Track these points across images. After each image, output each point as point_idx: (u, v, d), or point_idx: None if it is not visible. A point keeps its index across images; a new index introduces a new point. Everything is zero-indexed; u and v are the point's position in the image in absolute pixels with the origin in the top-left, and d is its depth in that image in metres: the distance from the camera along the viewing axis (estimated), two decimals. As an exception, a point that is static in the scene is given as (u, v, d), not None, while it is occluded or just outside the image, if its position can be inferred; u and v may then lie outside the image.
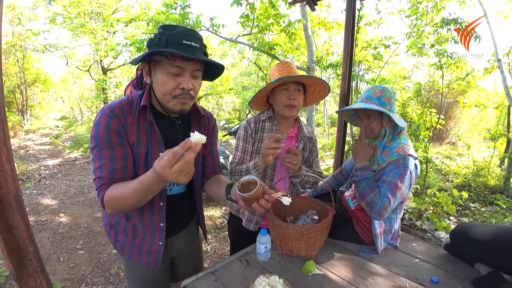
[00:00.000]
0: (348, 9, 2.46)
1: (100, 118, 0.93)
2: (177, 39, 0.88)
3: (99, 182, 0.93)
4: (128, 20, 6.08)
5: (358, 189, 1.40)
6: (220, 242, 3.08)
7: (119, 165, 0.94)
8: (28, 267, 0.80)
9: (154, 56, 0.91)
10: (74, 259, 2.74)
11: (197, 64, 0.94)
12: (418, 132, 3.97)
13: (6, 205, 0.74)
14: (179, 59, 0.89)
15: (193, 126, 1.16)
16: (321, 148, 7.82)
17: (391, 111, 1.40)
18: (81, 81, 15.85)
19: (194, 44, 0.91)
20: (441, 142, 9.52)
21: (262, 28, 4.76)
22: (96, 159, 0.94)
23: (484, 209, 3.83)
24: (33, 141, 8.64)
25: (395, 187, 1.31)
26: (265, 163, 1.32)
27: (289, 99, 1.42)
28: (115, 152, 0.93)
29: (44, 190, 4.58)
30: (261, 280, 1.10)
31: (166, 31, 0.90)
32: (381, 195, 1.33)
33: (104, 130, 0.92)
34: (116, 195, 0.89)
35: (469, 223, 1.40)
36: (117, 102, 0.98)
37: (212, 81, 1.22)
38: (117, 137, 0.93)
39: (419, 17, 4.90)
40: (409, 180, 1.35)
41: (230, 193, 1.02)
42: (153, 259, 1.13)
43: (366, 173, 1.40)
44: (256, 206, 0.88)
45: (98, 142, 0.92)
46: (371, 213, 1.35)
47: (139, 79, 1.12)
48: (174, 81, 0.92)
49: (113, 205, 0.91)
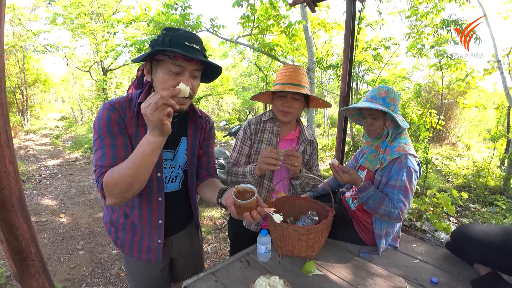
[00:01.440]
0: (348, 10, 2.47)
1: (102, 112, 0.97)
2: (179, 40, 0.93)
3: (100, 171, 0.92)
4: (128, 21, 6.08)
5: (368, 207, 1.40)
6: (220, 242, 3.08)
7: (121, 154, 0.95)
8: (31, 268, 0.80)
9: (157, 55, 0.95)
10: (74, 259, 2.74)
11: (196, 64, 0.98)
12: (418, 133, 3.98)
13: (9, 206, 0.74)
14: (181, 58, 0.93)
15: (190, 126, 1.18)
16: (321, 148, 7.82)
17: (394, 112, 1.42)
18: (81, 82, 15.87)
19: (195, 46, 0.96)
20: (441, 143, 9.52)
21: (262, 29, 4.77)
22: (98, 149, 0.95)
23: (484, 210, 3.83)
24: (34, 142, 8.65)
25: (406, 190, 1.34)
26: (262, 172, 1.37)
27: (283, 106, 1.43)
28: (116, 141, 0.95)
29: (45, 191, 4.59)
30: (261, 281, 1.11)
31: (169, 33, 0.95)
32: (393, 201, 1.35)
33: (106, 121, 0.95)
34: (114, 172, 0.88)
35: (471, 224, 1.41)
36: (117, 98, 1.02)
37: (211, 82, 1.24)
38: (118, 127, 0.97)
39: (419, 18, 4.90)
40: (416, 178, 1.39)
41: (222, 198, 1.03)
42: (153, 256, 1.15)
43: (367, 192, 1.40)
44: (248, 216, 0.89)
45: (100, 132, 0.95)
46: (389, 220, 1.37)
47: (140, 79, 1.16)
48: (174, 80, 0.95)
49: (112, 186, 0.87)
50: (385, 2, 6.52)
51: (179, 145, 1.15)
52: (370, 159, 1.53)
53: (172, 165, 1.14)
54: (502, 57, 4.70)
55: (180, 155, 1.15)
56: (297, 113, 1.47)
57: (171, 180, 1.15)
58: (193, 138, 1.18)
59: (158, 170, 1.07)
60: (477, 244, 1.26)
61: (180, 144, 1.15)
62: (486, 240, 1.24)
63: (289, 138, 1.55)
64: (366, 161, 1.55)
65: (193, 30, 4.80)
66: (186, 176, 1.20)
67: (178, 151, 1.15)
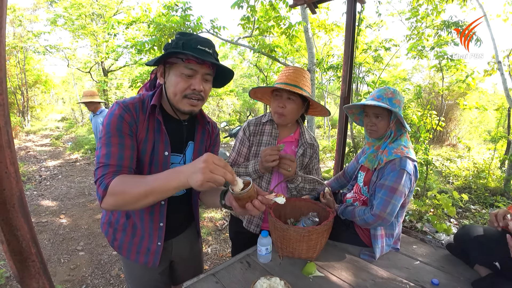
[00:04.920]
0: (348, 11, 2.47)
1: (115, 110, 0.95)
2: (192, 43, 0.93)
3: (105, 170, 0.88)
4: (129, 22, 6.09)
5: (347, 217, 1.52)
6: (220, 244, 3.08)
7: (128, 154, 0.93)
8: (31, 269, 0.80)
9: (170, 58, 0.96)
10: (74, 260, 2.74)
11: (209, 68, 0.98)
12: (419, 134, 3.98)
13: (9, 207, 0.74)
14: (193, 61, 0.94)
15: (198, 131, 1.17)
16: (321, 150, 7.82)
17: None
18: (82, 83, 15.91)
19: (208, 50, 0.96)
20: (442, 144, 9.52)
21: (262, 30, 4.78)
22: (103, 146, 0.92)
23: (485, 211, 3.82)
24: (34, 142, 8.66)
25: (392, 191, 1.33)
26: (266, 170, 1.42)
27: (278, 107, 1.42)
28: (124, 141, 0.94)
29: (45, 191, 4.59)
30: (262, 282, 1.10)
31: (183, 37, 0.95)
32: (364, 209, 1.41)
33: (118, 119, 0.94)
34: (126, 183, 0.84)
35: (473, 225, 1.41)
36: (129, 99, 1.01)
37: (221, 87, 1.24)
38: (129, 129, 0.95)
39: (419, 19, 4.91)
40: (408, 182, 1.36)
41: (224, 199, 1.01)
42: (151, 259, 1.13)
43: (339, 210, 1.54)
44: (250, 206, 0.87)
45: (109, 129, 0.93)
46: (372, 225, 1.40)
47: (152, 82, 1.16)
48: (186, 82, 0.96)
49: (117, 196, 0.84)
50: (386, 3, 6.54)
51: (187, 149, 1.14)
52: (370, 158, 1.52)
53: None
54: (502, 58, 4.70)
55: (187, 160, 1.15)
56: (292, 116, 1.44)
57: None
58: (200, 143, 1.18)
59: None
60: (478, 246, 1.26)
61: (187, 148, 1.14)
62: (487, 242, 1.24)
63: (288, 140, 1.54)
64: (366, 160, 1.54)
65: (194, 31, 4.81)
66: None
67: (185, 155, 1.14)
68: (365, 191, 1.54)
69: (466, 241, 1.33)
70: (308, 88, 1.43)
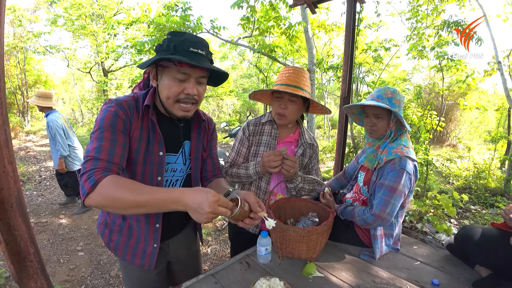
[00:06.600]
0: (348, 12, 2.47)
1: (110, 107, 0.94)
2: (184, 46, 0.90)
3: (95, 164, 0.84)
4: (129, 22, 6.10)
5: (347, 217, 1.52)
6: (220, 244, 3.07)
7: (119, 152, 0.91)
8: (29, 269, 0.80)
9: (162, 61, 0.93)
10: (74, 260, 2.73)
11: (202, 71, 0.96)
12: (419, 134, 3.97)
13: (7, 207, 0.74)
14: (186, 65, 0.91)
15: (194, 130, 1.17)
16: (321, 150, 7.82)
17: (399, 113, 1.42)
18: (82, 83, 15.89)
19: (200, 51, 0.93)
20: (442, 144, 9.52)
21: (262, 31, 4.78)
22: (94, 140, 0.89)
23: (485, 212, 3.82)
24: (34, 142, 8.65)
25: (391, 190, 1.33)
26: (267, 172, 1.42)
27: (280, 108, 1.42)
28: (116, 137, 0.92)
29: (45, 192, 4.58)
30: (261, 283, 1.10)
31: (174, 38, 0.92)
32: (364, 209, 1.41)
33: (112, 115, 0.92)
34: (119, 187, 0.80)
35: (474, 226, 1.40)
36: (124, 97, 0.99)
37: (216, 87, 1.23)
38: (123, 126, 0.94)
39: (419, 19, 4.91)
40: (408, 181, 1.35)
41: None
42: (146, 261, 1.12)
43: (338, 211, 1.54)
44: (242, 224, 0.89)
45: (102, 124, 0.91)
46: (371, 225, 1.39)
47: (146, 81, 1.15)
48: (180, 86, 0.94)
49: (107, 198, 0.79)
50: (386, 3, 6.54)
51: (182, 148, 1.14)
52: (370, 158, 1.52)
53: (173, 168, 1.12)
54: (503, 58, 4.70)
55: (183, 159, 1.14)
56: (293, 117, 1.44)
57: (171, 183, 1.13)
58: (197, 142, 1.18)
59: (159, 174, 1.05)
60: (479, 246, 1.25)
61: (183, 147, 1.13)
62: (487, 242, 1.24)
63: (288, 140, 1.54)
64: (366, 160, 1.54)
65: (194, 31, 4.81)
66: (189, 179, 1.19)
67: (181, 154, 1.14)
68: (365, 191, 1.54)
69: (467, 241, 1.32)
70: (308, 88, 1.43)
